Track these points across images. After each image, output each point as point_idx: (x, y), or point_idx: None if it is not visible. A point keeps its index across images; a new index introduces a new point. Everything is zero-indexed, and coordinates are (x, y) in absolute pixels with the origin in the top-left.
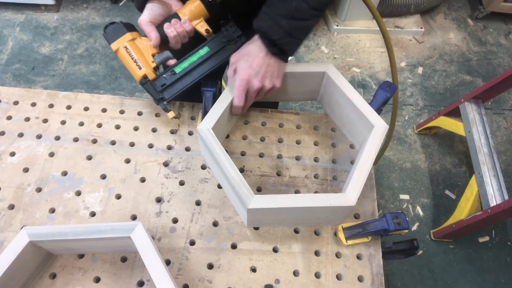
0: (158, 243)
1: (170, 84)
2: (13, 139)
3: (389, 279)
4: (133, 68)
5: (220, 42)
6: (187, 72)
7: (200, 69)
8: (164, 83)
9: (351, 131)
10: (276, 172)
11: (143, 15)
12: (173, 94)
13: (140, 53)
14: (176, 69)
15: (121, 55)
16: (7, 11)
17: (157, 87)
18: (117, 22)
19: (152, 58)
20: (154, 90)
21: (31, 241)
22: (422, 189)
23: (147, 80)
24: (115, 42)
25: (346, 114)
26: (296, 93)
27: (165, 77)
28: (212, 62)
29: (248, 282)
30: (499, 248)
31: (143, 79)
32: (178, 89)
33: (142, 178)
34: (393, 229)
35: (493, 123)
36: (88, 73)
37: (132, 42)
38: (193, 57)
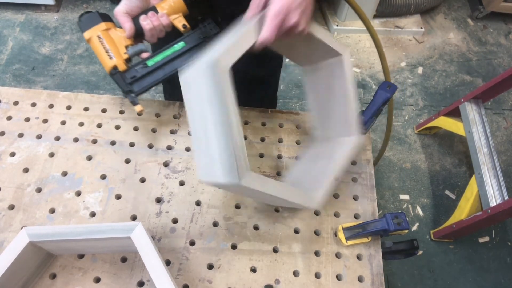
0: (158, 243)
1: (141, 77)
2: (13, 139)
3: (389, 279)
4: (104, 58)
5: (196, 38)
6: (160, 66)
7: (174, 64)
8: (135, 75)
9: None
10: (276, 172)
11: (119, 6)
12: (143, 87)
13: (113, 43)
14: (148, 62)
15: (93, 44)
16: (7, 11)
17: (126, 79)
18: (93, 11)
19: (125, 49)
20: (123, 82)
21: (31, 241)
22: (422, 189)
23: (116, 71)
24: (88, 31)
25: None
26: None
27: (136, 70)
28: (187, 58)
29: (248, 282)
30: (499, 248)
31: (112, 70)
32: (149, 82)
33: (142, 178)
34: (393, 229)
35: (493, 123)
36: (88, 73)
37: (105, 32)
38: (168, 51)
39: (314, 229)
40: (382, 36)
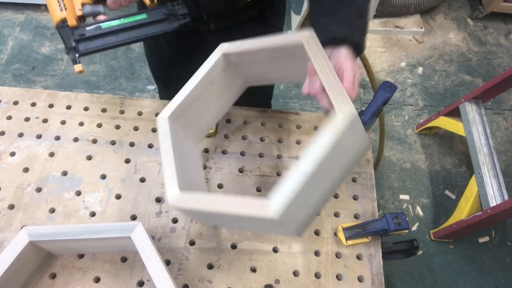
0: (158, 243)
1: (90, 38)
2: (13, 139)
3: (389, 279)
4: (54, 8)
5: (161, 14)
6: (113, 31)
7: (129, 34)
8: (83, 34)
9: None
10: (276, 172)
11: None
12: (89, 48)
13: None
14: (103, 25)
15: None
16: (7, 11)
17: (74, 35)
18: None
19: (81, 6)
20: (69, 38)
21: (31, 241)
22: (422, 189)
23: (65, 24)
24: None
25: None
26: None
27: (87, 29)
28: (145, 31)
29: (248, 282)
30: (499, 248)
31: (61, 23)
32: (97, 45)
33: (142, 178)
34: (393, 229)
35: (493, 123)
36: (88, 73)
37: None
38: (126, 20)
39: (314, 229)
40: (382, 36)
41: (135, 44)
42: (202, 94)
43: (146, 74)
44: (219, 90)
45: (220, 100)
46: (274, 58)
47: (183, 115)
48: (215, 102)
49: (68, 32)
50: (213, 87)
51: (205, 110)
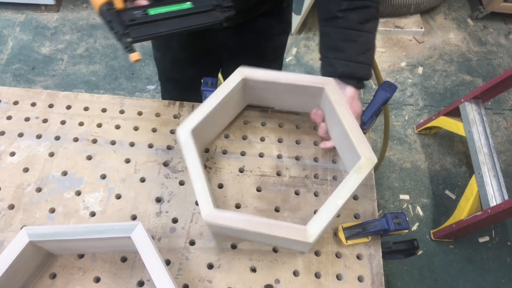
0: (158, 243)
1: (141, 24)
2: (13, 139)
3: (389, 279)
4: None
5: (207, 4)
6: (162, 19)
7: (178, 23)
8: (134, 19)
9: (343, 156)
10: (276, 172)
11: None
12: (142, 35)
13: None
14: (150, 11)
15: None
16: (7, 11)
17: (124, 20)
18: None
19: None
20: (119, 22)
21: (31, 241)
22: (422, 189)
23: (111, 7)
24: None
25: (340, 138)
26: (295, 104)
27: (134, 14)
28: (192, 21)
29: (248, 282)
30: (499, 248)
31: (105, 5)
32: (150, 32)
33: (142, 178)
34: (393, 229)
35: (493, 123)
36: (88, 73)
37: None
38: (173, 7)
39: None
40: (382, 36)
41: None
42: (218, 110)
43: (146, 74)
44: (229, 107)
45: (228, 115)
46: (289, 91)
47: (198, 127)
48: (223, 117)
49: (115, 16)
50: (226, 105)
51: (214, 124)
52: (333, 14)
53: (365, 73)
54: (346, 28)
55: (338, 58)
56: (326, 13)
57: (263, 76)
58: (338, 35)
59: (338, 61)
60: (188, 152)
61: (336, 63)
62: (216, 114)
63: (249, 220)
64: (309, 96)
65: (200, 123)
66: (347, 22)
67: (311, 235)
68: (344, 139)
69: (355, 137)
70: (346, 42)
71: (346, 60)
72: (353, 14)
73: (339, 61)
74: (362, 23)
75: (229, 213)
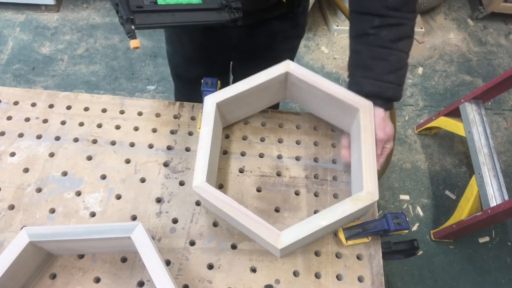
0: (158, 243)
1: (147, 12)
2: (13, 139)
3: (389, 279)
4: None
5: (216, 2)
6: (170, 10)
7: (184, 16)
8: (141, 6)
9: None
10: (276, 172)
11: None
12: (147, 23)
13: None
14: (159, 0)
15: None
16: (7, 11)
17: (131, 5)
18: None
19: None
20: (126, 7)
21: (31, 241)
22: (422, 190)
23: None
24: None
25: (356, 162)
26: (330, 115)
27: (143, 0)
28: (199, 17)
29: (248, 282)
30: (499, 248)
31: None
32: (155, 21)
33: (142, 178)
34: (393, 230)
35: (493, 124)
36: (88, 73)
37: None
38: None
39: None
40: None
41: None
42: (251, 94)
43: (146, 74)
44: (266, 94)
45: (262, 102)
46: (327, 100)
47: (226, 103)
48: (256, 102)
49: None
50: (263, 91)
51: (244, 105)
52: (365, 31)
53: (393, 93)
54: (376, 46)
55: (366, 76)
56: (358, 30)
57: (304, 76)
58: (368, 52)
59: (365, 79)
60: (206, 121)
61: (363, 82)
62: (249, 96)
63: (231, 205)
64: (344, 112)
65: (229, 99)
66: (378, 40)
67: (281, 242)
68: (358, 165)
69: (366, 168)
70: (376, 60)
71: (374, 79)
72: (385, 31)
73: (366, 80)
74: (394, 41)
75: (216, 192)
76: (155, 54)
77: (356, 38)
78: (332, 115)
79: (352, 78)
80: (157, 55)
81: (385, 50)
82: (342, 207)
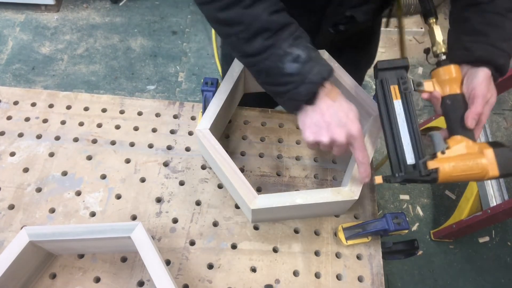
0: (158, 243)
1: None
2: (13, 139)
3: (389, 279)
4: None
5: None
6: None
7: None
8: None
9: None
10: (276, 172)
11: None
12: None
13: None
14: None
15: None
16: (7, 11)
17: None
18: None
19: None
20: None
21: (31, 241)
22: (422, 189)
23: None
24: None
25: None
26: None
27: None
28: None
29: (248, 282)
30: (499, 248)
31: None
32: None
33: (142, 178)
34: (393, 229)
35: (493, 123)
36: (88, 73)
37: None
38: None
39: (314, 229)
40: (382, 36)
41: (135, 44)
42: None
43: (146, 74)
44: (232, 99)
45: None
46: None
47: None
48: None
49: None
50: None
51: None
52: (477, 1)
53: (505, 62)
54: (491, 12)
55: (477, 41)
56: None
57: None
58: (481, 18)
59: (477, 44)
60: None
61: (474, 46)
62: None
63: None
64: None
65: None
66: (494, 7)
67: (255, 204)
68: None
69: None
70: (489, 26)
71: (486, 43)
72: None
73: (477, 44)
74: (509, 10)
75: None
76: (155, 54)
77: (465, 7)
78: None
79: (458, 44)
80: (157, 55)
81: (500, 17)
82: (321, 194)
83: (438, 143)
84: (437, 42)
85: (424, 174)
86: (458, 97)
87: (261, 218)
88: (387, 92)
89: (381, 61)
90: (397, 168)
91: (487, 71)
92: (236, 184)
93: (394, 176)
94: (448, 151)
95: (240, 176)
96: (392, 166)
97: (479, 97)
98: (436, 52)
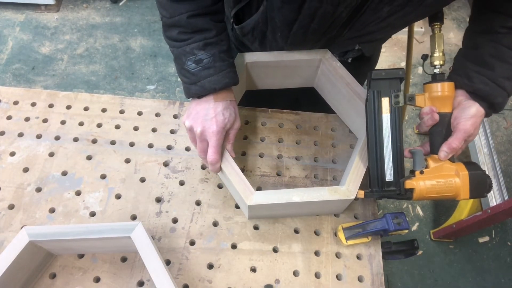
0: (158, 243)
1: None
2: (13, 139)
3: (389, 279)
4: None
5: None
6: None
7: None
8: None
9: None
10: (276, 172)
11: None
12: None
13: None
14: None
15: None
16: (7, 11)
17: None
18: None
19: None
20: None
21: (31, 241)
22: None
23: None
24: None
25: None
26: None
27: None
28: None
29: (248, 282)
30: (499, 248)
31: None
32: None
33: (142, 178)
34: (393, 229)
35: (493, 123)
36: (88, 73)
37: None
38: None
39: (314, 229)
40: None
41: (135, 44)
42: (281, 67)
43: (146, 74)
44: (293, 74)
45: (288, 80)
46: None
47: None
48: (283, 78)
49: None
50: (292, 71)
51: (272, 77)
52: (494, 29)
53: (501, 101)
54: (503, 45)
55: (480, 73)
56: (485, 26)
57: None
58: (491, 50)
59: (479, 75)
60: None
61: (475, 77)
62: (279, 69)
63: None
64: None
65: (259, 64)
66: (507, 40)
67: (251, 199)
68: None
69: (355, 170)
70: (497, 60)
71: (489, 78)
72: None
73: (480, 76)
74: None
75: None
76: (155, 53)
77: (480, 33)
78: (348, 116)
79: (461, 70)
80: (157, 54)
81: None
82: (318, 192)
83: (418, 161)
84: (436, 51)
85: (401, 193)
86: (446, 116)
87: (258, 215)
88: (377, 106)
89: (376, 71)
90: (375, 183)
91: (480, 110)
92: (233, 180)
93: (372, 191)
94: (427, 171)
95: (238, 172)
96: (370, 180)
97: (461, 131)
98: (434, 63)
